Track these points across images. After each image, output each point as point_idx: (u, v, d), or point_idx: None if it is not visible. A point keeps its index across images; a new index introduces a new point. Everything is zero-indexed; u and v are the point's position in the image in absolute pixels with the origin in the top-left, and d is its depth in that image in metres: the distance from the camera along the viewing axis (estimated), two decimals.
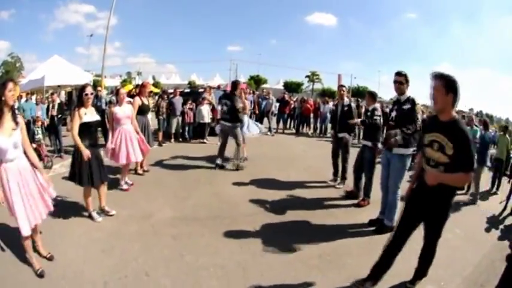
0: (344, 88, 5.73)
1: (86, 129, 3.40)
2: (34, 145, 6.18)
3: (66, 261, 2.77)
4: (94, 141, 3.55)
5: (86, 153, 3.31)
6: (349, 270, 2.80)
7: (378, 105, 4.56)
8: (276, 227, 3.59)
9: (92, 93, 3.52)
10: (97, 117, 3.53)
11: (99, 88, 10.07)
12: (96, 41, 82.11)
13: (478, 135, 6.27)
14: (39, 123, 6.92)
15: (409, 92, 3.51)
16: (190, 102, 9.21)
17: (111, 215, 3.69)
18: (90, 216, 3.57)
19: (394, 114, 3.58)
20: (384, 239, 3.35)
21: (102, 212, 3.70)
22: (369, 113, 4.51)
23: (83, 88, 3.47)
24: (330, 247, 3.24)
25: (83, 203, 3.63)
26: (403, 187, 3.38)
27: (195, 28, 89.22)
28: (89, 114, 3.42)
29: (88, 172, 3.40)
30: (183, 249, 3.05)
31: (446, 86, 2.14)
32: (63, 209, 3.89)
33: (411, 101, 3.44)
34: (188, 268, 2.75)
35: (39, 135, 6.58)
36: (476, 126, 6.75)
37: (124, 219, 3.65)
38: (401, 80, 3.46)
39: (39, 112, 7.38)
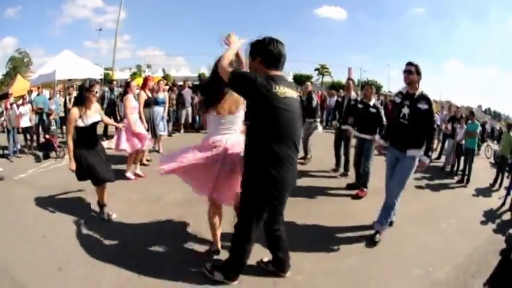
0: (351, 82, 5.83)
1: (81, 134, 3.29)
2: (48, 136, 6.58)
3: (80, 237, 3.07)
4: (91, 145, 3.40)
5: (72, 166, 3.24)
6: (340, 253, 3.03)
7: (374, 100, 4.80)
8: None
9: (96, 92, 3.37)
10: (95, 118, 3.39)
11: (114, 82, 10.37)
12: (104, 34, 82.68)
13: (478, 130, 6.35)
14: (52, 116, 7.43)
15: (421, 88, 3.19)
16: (199, 94, 9.45)
17: (110, 217, 3.48)
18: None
19: (406, 111, 3.19)
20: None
21: (101, 208, 3.53)
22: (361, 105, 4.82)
23: (90, 87, 3.31)
24: (325, 232, 3.42)
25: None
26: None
27: (204, 20, 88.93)
28: (84, 117, 3.24)
29: (87, 172, 3.32)
30: (189, 226, 3.33)
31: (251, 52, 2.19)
32: (77, 192, 4.17)
33: (427, 101, 3.10)
34: (193, 241, 3.02)
35: (53, 127, 7.01)
36: (477, 120, 6.77)
37: (135, 202, 3.92)
38: (410, 69, 3.13)
39: (53, 106, 7.82)
